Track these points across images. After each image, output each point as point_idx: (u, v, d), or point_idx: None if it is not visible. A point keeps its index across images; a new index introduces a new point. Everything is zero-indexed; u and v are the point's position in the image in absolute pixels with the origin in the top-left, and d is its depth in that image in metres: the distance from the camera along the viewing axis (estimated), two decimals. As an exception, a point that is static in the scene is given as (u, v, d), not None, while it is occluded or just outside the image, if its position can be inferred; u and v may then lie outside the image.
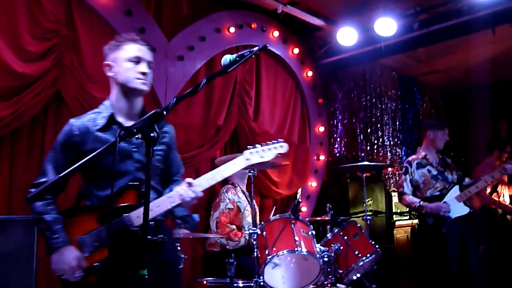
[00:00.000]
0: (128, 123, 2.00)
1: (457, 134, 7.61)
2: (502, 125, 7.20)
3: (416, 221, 3.91)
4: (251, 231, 3.06)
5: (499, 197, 4.12)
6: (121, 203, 1.88)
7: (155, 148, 1.88)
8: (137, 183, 1.93)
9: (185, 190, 1.88)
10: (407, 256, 5.63)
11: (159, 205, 1.88)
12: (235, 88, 4.45)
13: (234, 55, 1.73)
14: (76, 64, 3.33)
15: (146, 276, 1.37)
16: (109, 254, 1.82)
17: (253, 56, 1.87)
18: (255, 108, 4.71)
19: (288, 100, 5.08)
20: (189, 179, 1.92)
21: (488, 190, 4.64)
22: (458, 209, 3.62)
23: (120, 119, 2.00)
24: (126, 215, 1.85)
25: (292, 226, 3.14)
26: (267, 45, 1.81)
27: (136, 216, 1.85)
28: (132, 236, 1.84)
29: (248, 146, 2.09)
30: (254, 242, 3.05)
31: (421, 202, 3.64)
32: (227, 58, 1.70)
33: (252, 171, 3.15)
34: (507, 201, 4.99)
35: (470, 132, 7.43)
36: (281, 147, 2.10)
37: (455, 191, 3.69)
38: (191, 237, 3.27)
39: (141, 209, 1.75)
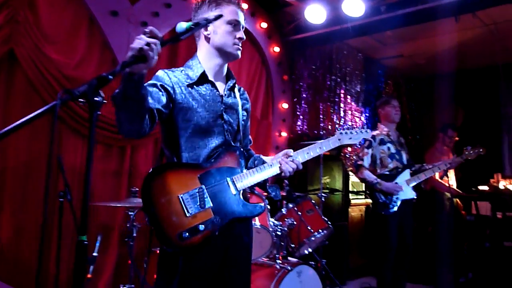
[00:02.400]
0: (218, 84, 1.96)
1: (417, 118, 7.82)
2: (459, 113, 7.45)
3: (370, 200, 4.01)
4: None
5: (448, 182, 4.30)
6: (222, 165, 1.84)
7: (241, 113, 2.01)
8: (238, 146, 1.94)
9: (286, 161, 1.90)
10: (359, 233, 5.82)
11: (260, 172, 1.88)
12: (199, 59, 4.38)
13: (190, 23, 1.69)
14: (32, 22, 3.16)
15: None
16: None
17: (209, 25, 1.85)
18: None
19: (253, 75, 5.06)
20: (289, 150, 1.95)
21: (437, 175, 4.82)
22: (407, 192, 3.79)
23: (211, 78, 1.94)
24: (230, 177, 1.83)
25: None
26: (222, 15, 1.79)
27: (240, 180, 1.83)
28: (233, 200, 1.81)
29: (339, 128, 2.23)
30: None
31: (379, 180, 3.76)
32: (182, 25, 1.66)
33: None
34: (454, 185, 5.21)
35: (429, 117, 7.64)
36: (366, 133, 2.23)
37: (406, 174, 3.85)
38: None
39: (245, 174, 1.87)
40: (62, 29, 3.36)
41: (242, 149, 1.95)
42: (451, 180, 5.22)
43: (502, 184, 5.22)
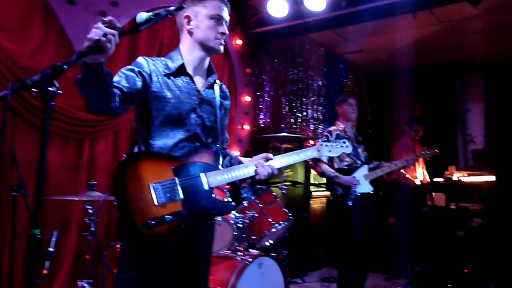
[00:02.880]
0: (196, 78, 1.98)
1: (377, 113, 8.02)
2: (417, 107, 7.70)
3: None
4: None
5: (406, 172, 4.50)
6: (198, 160, 1.86)
7: (218, 109, 2.01)
8: (212, 142, 1.96)
9: (263, 165, 1.93)
10: (321, 225, 5.94)
11: (235, 172, 1.90)
12: (160, 51, 4.31)
13: (150, 13, 1.67)
14: (-18, 8, 3.03)
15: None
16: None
17: (170, 16, 1.84)
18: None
19: (215, 67, 4.98)
20: (268, 154, 1.98)
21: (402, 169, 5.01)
22: (364, 186, 3.94)
23: (189, 71, 1.96)
24: (204, 173, 1.84)
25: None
26: (184, 6, 1.79)
27: (213, 176, 1.84)
28: (205, 195, 1.82)
29: (320, 140, 2.25)
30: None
31: (337, 173, 3.86)
32: (142, 16, 1.64)
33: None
34: (421, 178, 5.43)
35: (390, 112, 7.86)
36: (347, 148, 2.28)
37: (364, 169, 4.00)
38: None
39: (219, 172, 1.87)
40: (14, 17, 3.22)
41: (219, 147, 1.97)
42: (418, 173, 5.43)
43: (456, 176, 5.45)
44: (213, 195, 1.84)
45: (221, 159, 1.94)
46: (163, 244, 1.75)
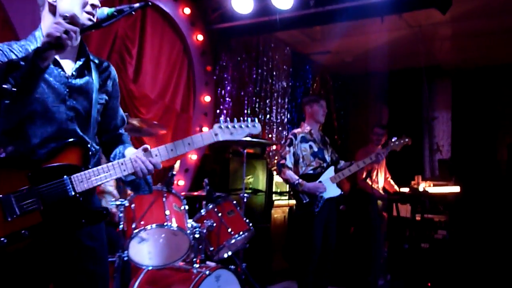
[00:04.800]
0: (65, 62, 1.79)
1: (343, 117, 8.23)
2: (384, 112, 7.96)
3: (294, 201, 4.19)
4: (118, 202, 3.04)
5: (372, 183, 4.59)
6: (60, 161, 1.69)
7: (95, 97, 1.81)
8: (84, 140, 1.77)
9: (141, 160, 1.76)
10: (282, 236, 6.02)
11: (107, 172, 1.74)
12: (114, 43, 4.29)
13: (112, 9, 1.68)
14: None
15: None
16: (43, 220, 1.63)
17: (133, 13, 1.80)
18: (136, 68, 4.59)
19: (174, 64, 5.03)
20: (146, 146, 1.81)
21: (364, 175, 5.14)
22: (331, 190, 4.03)
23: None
24: (67, 177, 1.68)
25: (164, 200, 3.17)
26: (149, 2, 1.78)
27: (80, 180, 1.69)
28: (70, 203, 1.68)
29: (220, 121, 2.03)
30: (121, 215, 3.05)
31: (300, 180, 3.93)
32: (104, 11, 1.65)
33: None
34: (380, 186, 5.60)
35: (356, 117, 8.10)
36: (254, 127, 2.09)
37: (330, 172, 4.08)
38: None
39: (88, 173, 1.71)
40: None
41: (91, 142, 1.81)
42: (379, 182, 5.63)
43: (422, 187, 5.67)
44: (82, 202, 1.71)
45: (93, 157, 1.81)
46: (26, 262, 1.64)
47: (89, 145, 1.76)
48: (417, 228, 5.46)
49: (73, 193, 1.68)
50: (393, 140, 4.32)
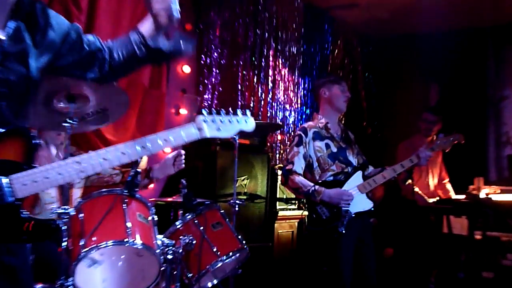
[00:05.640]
0: None
1: (375, 96, 8.20)
2: (434, 92, 7.94)
3: (306, 212, 4.19)
4: (60, 210, 3.04)
5: (413, 186, 4.63)
6: None
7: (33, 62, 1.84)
8: (31, 129, 1.82)
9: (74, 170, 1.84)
10: (289, 258, 6.06)
11: (49, 178, 1.80)
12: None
13: None
14: None
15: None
16: None
17: None
18: (87, 25, 4.57)
19: (139, 21, 5.02)
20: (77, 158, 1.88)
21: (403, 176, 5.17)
22: (360, 202, 3.99)
23: None
24: (4, 178, 1.73)
25: (124, 207, 3.16)
26: None
27: (22, 183, 1.74)
28: (4, 213, 1.72)
29: (204, 112, 2.14)
30: (64, 227, 3.05)
31: (316, 187, 3.92)
32: None
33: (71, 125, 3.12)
34: (431, 189, 5.66)
35: (393, 95, 8.05)
36: (246, 123, 2.26)
37: (357, 178, 4.06)
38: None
39: (32, 172, 1.76)
40: None
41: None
42: (430, 185, 5.65)
43: (484, 193, 5.66)
44: (20, 211, 1.76)
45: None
46: None
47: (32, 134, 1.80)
48: (477, 250, 5.48)
49: (10, 200, 1.71)
50: (439, 137, 4.35)
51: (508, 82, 7.69)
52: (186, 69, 5.53)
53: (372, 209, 4.07)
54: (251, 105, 6.19)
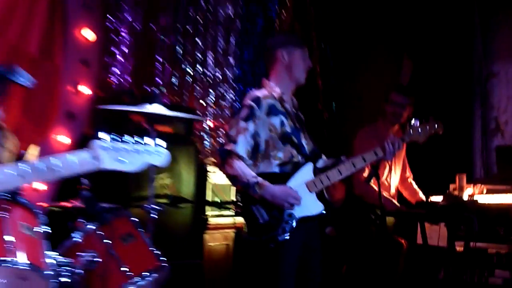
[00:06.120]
0: None
1: (333, 73, 8.24)
2: (406, 68, 8.02)
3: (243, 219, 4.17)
4: None
5: (379, 186, 4.58)
6: None
7: None
8: None
9: None
10: (224, 279, 6.11)
11: None
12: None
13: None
14: None
15: None
16: None
17: None
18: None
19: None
20: None
21: (366, 173, 5.20)
22: (308, 204, 3.94)
23: None
24: None
25: (5, 217, 3.13)
26: None
27: None
28: None
29: (100, 136, 2.21)
30: None
31: (259, 179, 3.84)
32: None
33: None
34: (393, 192, 5.72)
35: (356, 71, 8.11)
36: (158, 157, 2.38)
37: (307, 172, 3.99)
38: None
39: None
40: None
41: None
42: (392, 184, 5.73)
43: (467, 194, 5.75)
44: None
45: None
46: None
47: None
48: (459, 265, 5.57)
49: None
50: (413, 125, 4.36)
51: (497, 56, 7.75)
52: (88, 34, 5.44)
53: (324, 212, 4.07)
54: (175, 82, 6.16)
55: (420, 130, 4.35)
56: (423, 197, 5.81)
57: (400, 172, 5.90)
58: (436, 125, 4.40)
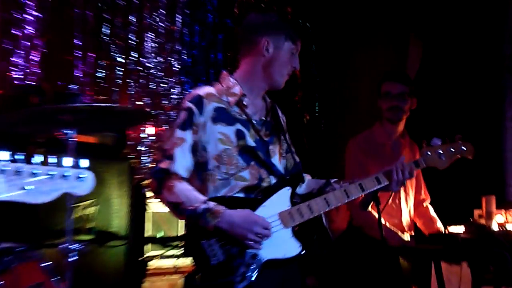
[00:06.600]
0: None
1: (317, 61, 8.29)
2: (413, 48, 8.06)
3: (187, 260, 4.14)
4: None
5: (379, 213, 4.55)
6: None
7: None
8: None
9: None
10: None
11: None
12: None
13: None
14: None
15: None
16: None
17: None
18: None
19: None
20: None
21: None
22: (281, 243, 3.88)
23: None
24: None
25: None
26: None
27: None
28: None
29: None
30: None
31: (212, 203, 3.75)
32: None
33: None
34: (405, 221, 5.72)
35: (349, 60, 8.15)
36: (80, 183, 2.32)
37: (282, 199, 3.93)
38: None
39: None
40: None
41: None
42: (404, 211, 5.76)
43: (496, 222, 5.79)
44: None
45: None
46: None
47: None
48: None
49: None
50: (432, 144, 4.34)
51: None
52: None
53: (302, 254, 4.00)
54: (100, 75, 6.15)
55: (441, 153, 4.33)
56: (440, 227, 5.78)
57: (413, 193, 5.89)
58: (463, 148, 4.38)
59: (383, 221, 5.20)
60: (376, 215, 4.45)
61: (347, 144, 5.84)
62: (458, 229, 5.65)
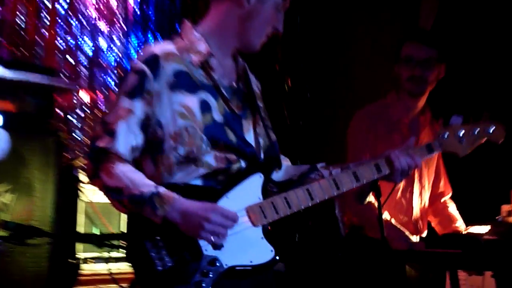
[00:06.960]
0: None
1: (303, 30, 8.24)
2: (423, 12, 8.06)
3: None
4: None
5: (379, 208, 4.51)
6: None
7: None
8: None
9: None
10: None
11: None
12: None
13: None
14: None
15: None
16: None
17: None
18: None
19: None
20: None
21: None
22: (247, 247, 3.83)
23: None
24: None
25: None
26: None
27: None
28: None
29: None
30: None
31: (162, 189, 3.67)
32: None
33: None
34: (417, 215, 5.64)
35: (344, 37, 8.16)
36: None
37: (250, 189, 3.89)
38: None
39: None
40: None
41: None
42: (415, 205, 5.68)
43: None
44: None
45: None
46: None
47: None
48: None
49: None
50: (451, 124, 4.28)
51: None
52: None
53: (277, 259, 3.91)
54: (20, 23, 6.07)
55: (462, 135, 4.26)
56: (460, 226, 5.69)
57: (430, 184, 5.79)
58: (491, 130, 4.31)
59: (387, 217, 5.10)
60: (376, 207, 4.36)
61: (352, 118, 5.75)
62: (481, 229, 5.57)
